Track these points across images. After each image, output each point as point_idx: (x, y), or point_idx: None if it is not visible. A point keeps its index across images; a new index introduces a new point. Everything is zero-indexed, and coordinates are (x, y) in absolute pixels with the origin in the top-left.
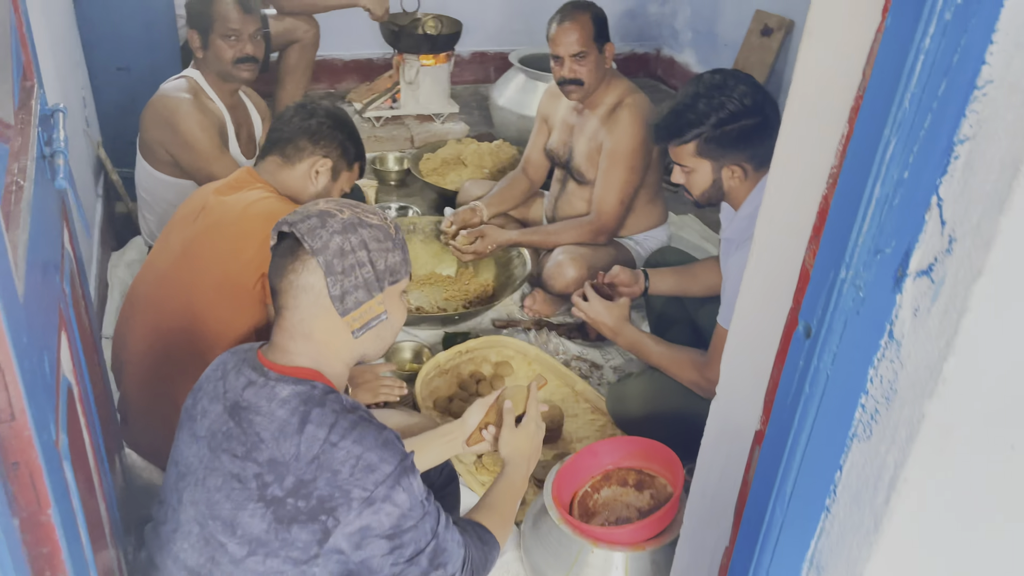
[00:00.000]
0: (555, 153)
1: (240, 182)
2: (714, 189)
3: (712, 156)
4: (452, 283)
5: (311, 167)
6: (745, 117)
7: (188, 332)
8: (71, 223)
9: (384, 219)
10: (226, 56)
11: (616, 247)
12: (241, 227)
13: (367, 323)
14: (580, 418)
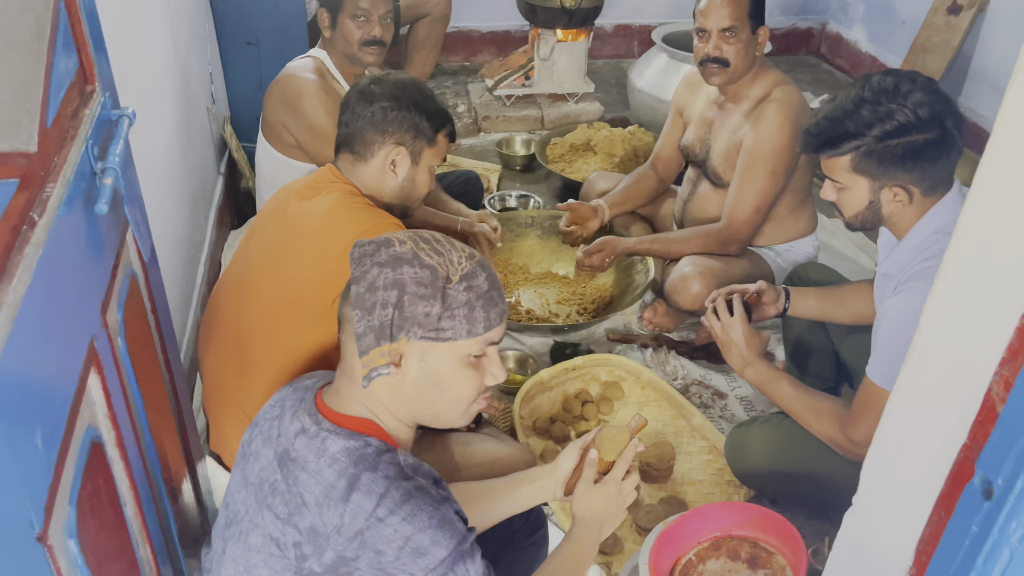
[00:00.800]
0: (690, 150)
1: (321, 182)
2: (870, 212)
3: (871, 174)
4: (568, 285)
5: (385, 160)
6: (917, 131)
7: (260, 346)
8: (139, 238)
9: (452, 264)
10: (354, 37)
11: (752, 259)
12: (317, 237)
13: (368, 373)
14: (695, 458)
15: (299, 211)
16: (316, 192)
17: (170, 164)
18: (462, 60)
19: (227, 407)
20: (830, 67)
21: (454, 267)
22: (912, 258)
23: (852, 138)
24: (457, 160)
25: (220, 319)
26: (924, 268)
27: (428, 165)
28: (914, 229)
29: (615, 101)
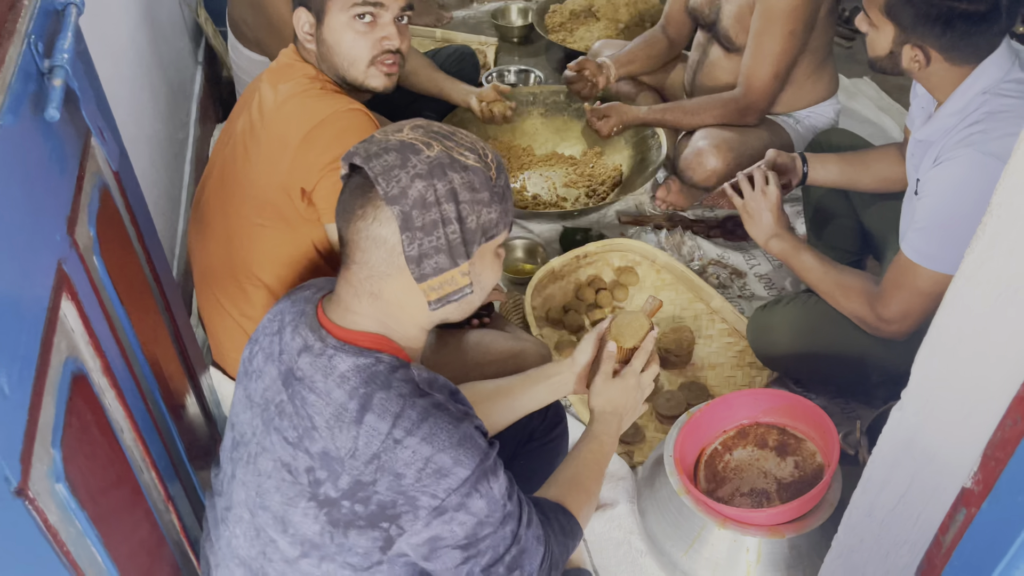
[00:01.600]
0: (699, 12)
1: (282, 65)
2: (889, 62)
3: (900, 22)
4: (575, 166)
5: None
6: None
7: (246, 252)
8: (105, 144)
9: (483, 156)
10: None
11: (770, 128)
12: (275, 133)
13: (447, 296)
14: (714, 341)
15: (265, 101)
16: (279, 78)
17: (139, 56)
18: None
19: (223, 319)
20: None
21: (488, 160)
22: (956, 123)
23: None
24: (450, 35)
25: (206, 221)
26: (971, 134)
27: (344, 16)
28: (958, 92)
29: None
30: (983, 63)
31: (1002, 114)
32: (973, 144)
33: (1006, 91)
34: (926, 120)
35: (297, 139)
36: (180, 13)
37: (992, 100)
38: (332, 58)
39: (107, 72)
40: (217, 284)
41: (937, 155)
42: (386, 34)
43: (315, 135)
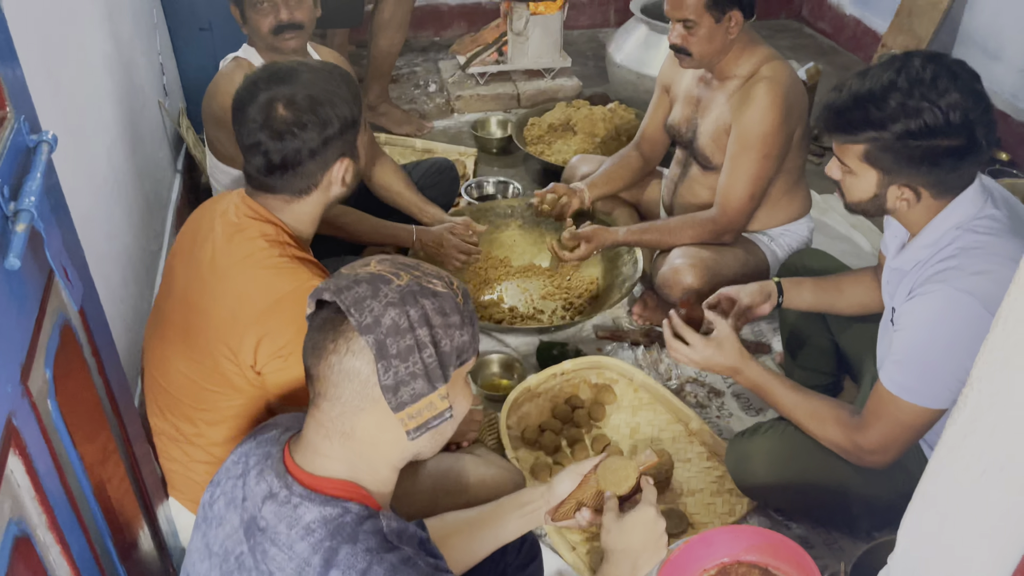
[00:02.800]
0: (677, 130)
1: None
2: (873, 204)
3: (883, 167)
4: (552, 278)
5: (335, 180)
6: (943, 135)
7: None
8: (69, 286)
9: (449, 283)
10: (262, 27)
11: (746, 246)
12: (225, 299)
13: (426, 423)
14: (693, 465)
15: (218, 253)
16: (234, 231)
17: (115, 172)
18: (432, 35)
19: (177, 447)
20: (812, 31)
21: (454, 287)
22: (929, 255)
23: (872, 127)
24: (431, 145)
25: (168, 339)
26: (945, 269)
27: (363, 141)
28: (931, 225)
29: (593, 74)
30: (957, 199)
31: (975, 250)
32: (947, 280)
33: (978, 227)
34: (899, 249)
35: (251, 316)
36: (162, 124)
37: (965, 235)
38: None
39: (81, 195)
40: (172, 410)
41: (911, 287)
42: None
43: (272, 315)
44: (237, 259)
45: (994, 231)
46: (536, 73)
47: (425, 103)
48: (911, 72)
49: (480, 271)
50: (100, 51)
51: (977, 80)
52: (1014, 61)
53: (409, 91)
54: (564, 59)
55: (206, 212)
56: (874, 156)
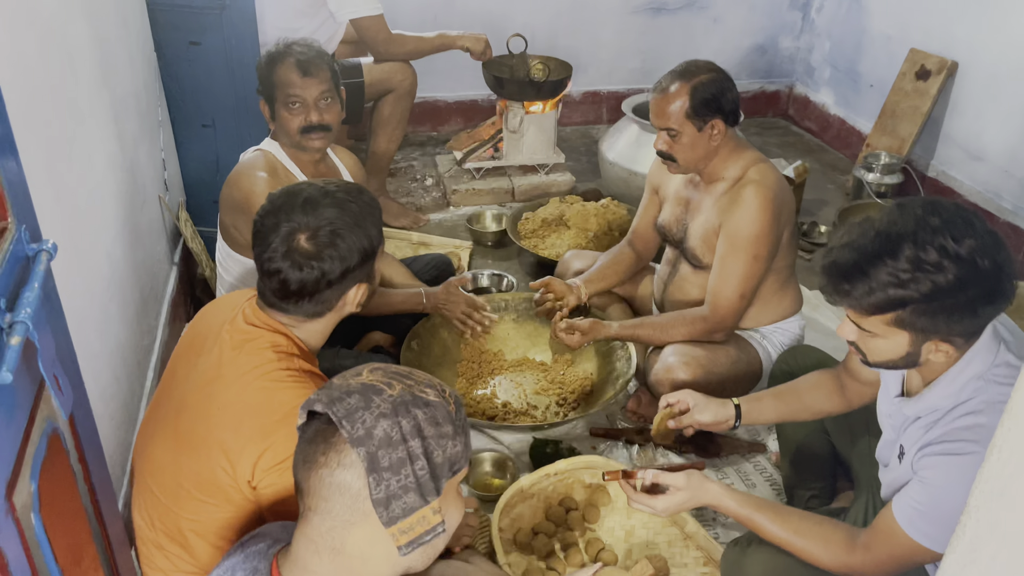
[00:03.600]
0: (667, 230)
1: (248, 330)
2: (904, 362)
3: (915, 329)
4: (546, 372)
5: (343, 305)
6: (975, 284)
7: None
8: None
9: (442, 392)
10: (291, 126)
11: (738, 344)
12: (227, 411)
13: (418, 538)
14: (690, 571)
15: (224, 362)
16: (246, 341)
17: (113, 269)
18: (429, 130)
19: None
20: (799, 129)
21: (447, 395)
22: (951, 405)
23: (900, 305)
24: (426, 238)
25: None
26: (974, 426)
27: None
28: (949, 375)
29: (586, 170)
30: (973, 348)
31: (1002, 404)
32: (980, 439)
33: (999, 377)
34: (900, 384)
35: (255, 429)
36: (161, 218)
37: (988, 387)
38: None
39: (77, 295)
40: (161, 518)
41: (930, 436)
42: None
43: (277, 430)
44: (245, 370)
45: (1015, 380)
46: (530, 168)
47: (422, 196)
48: (921, 224)
49: (473, 365)
50: (105, 151)
51: (981, 218)
52: (996, 162)
53: (406, 184)
54: (558, 155)
55: (213, 316)
56: (905, 321)
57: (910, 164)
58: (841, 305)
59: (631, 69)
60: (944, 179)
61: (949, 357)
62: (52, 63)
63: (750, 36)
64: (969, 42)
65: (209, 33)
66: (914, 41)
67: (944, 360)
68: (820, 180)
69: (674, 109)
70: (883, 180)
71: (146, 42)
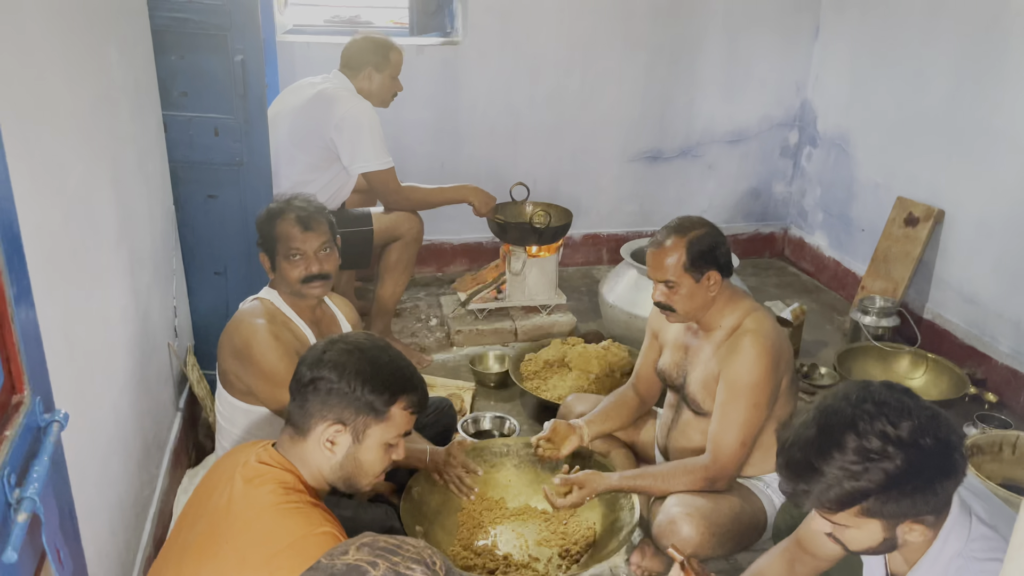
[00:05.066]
0: (667, 375)
1: (261, 466)
2: (884, 547)
3: (885, 515)
4: (548, 522)
5: (320, 438)
6: (930, 466)
7: None
8: (63, 564)
9: (430, 565)
10: (292, 276)
11: (741, 493)
12: (235, 541)
13: None
14: None
15: (234, 498)
16: (256, 476)
17: (118, 420)
18: (434, 271)
19: None
20: (796, 270)
21: (435, 568)
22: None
23: (862, 497)
24: (430, 379)
25: None
26: None
27: (379, 442)
28: (928, 557)
29: (587, 309)
30: (946, 525)
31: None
32: None
33: (977, 552)
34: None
35: (261, 559)
36: (169, 365)
37: (969, 565)
38: (354, 470)
39: (80, 452)
40: None
41: None
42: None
43: (282, 558)
44: (253, 502)
45: (994, 552)
46: (533, 309)
47: (426, 336)
48: (858, 412)
49: (474, 514)
50: (119, 305)
51: (915, 395)
52: (989, 306)
53: (411, 324)
54: (559, 296)
55: (225, 464)
56: (872, 510)
57: (905, 307)
58: (806, 507)
59: (630, 212)
60: (940, 322)
61: (925, 534)
62: (74, 228)
63: (744, 181)
64: (955, 190)
65: (226, 187)
66: (901, 189)
67: (921, 539)
68: (819, 320)
69: (671, 262)
70: (880, 323)
71: (166, 197)
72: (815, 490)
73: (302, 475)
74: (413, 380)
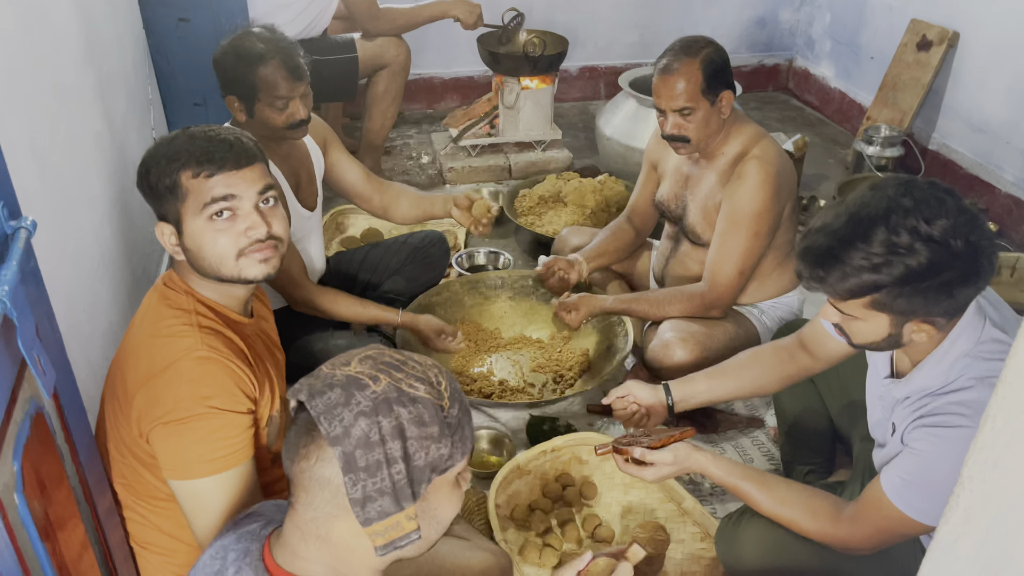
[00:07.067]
0: (666, 206)
1: (164, 287)
2: (887, 343)
3: (894, 311)
4: (543, 350)
5: (165, 244)
6: (951, 267)
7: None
8: (45, 370)
9: (435, 384)
10: (275, 123)
11: (736, 319)
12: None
13: (393, 541)
14: (687, 546)
15: (135, 323)
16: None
17: (102, 250)
18: (424, 108)
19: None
20: (799, 103)
21: (440, 389)
22: (941, 385)
23: (874, 289)
24: None
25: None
26: (965, 402)
27: (200, 219)
28: (936, 354)
29: (583, 146)
30: (958, 326)
31: (991, 378)
32: (970, 413)
33: (987, 353)
34: (889, 366)
35: (138, 386)
36: None
37: (976, 364)
38: (201, 263)
39: (63, 274)
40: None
41: (928, 412)
42: (249, 224)
43: (153, 385)
44: (145, 326)
45: (1003, 355)
46: (527, 145)
47: (418, 175)
48: (893, 205)
49: (470, 343)
50: (91, 129)
51: (957, 195)
52: (998, 133)
53: (402, 163)
54: (555, 132)
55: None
56: (882, 303)
57: (911, 137)
58: (818, 291)
59: (629, 43)
60: (945, 151)
61: (932, 337)
62: (34, 39)
63: (749, 8)
64: (971, 12)
65: (199, 10)
66: (915, 11)
67: (927, 340)
68: (820, 154)
69: (686, 86)
70: (883, 153)
71: (134, 19)
72: (831, 278)
73: (197, 292)
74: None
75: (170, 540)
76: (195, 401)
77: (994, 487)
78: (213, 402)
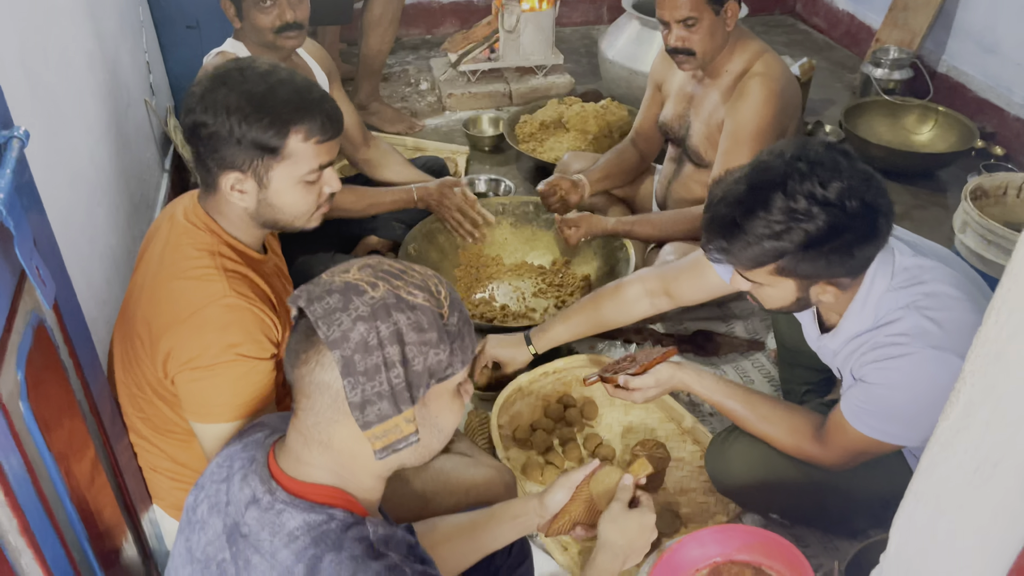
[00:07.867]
0: (669, 128)
1: (186, 227)
2: (797, 306)
3: (798, 275)
4: (544, 276)
5: (226, 190)
6: (849, 229)
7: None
8: (41, 286)
9: (435, 293)
10: (264, 24)
11: None
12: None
13: (391, 444)
14: (686, 464)
15: (162, 256)
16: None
17: (98, 172)
18: (423, 33)
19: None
20: (806, 27)
21: (440, 297)
22: (871, 325)
23: (777, 256)
24: (422, 143)
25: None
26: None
27: (290, 183)
28: (857, 301)
29: (586, 72)
30: (869, 272)
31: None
32: (911, 340)
33: (904, 282)
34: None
35: (163, 329)
36: (148, 123)
37: (898, 294)
38: (276, 214)
39: (60, 194)
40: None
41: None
42: (329, 184)
43: (181, 330)
44: (167, 265)
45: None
46: (528, 70)
47: (417, 101)
48: (790, 170)
49: (471, 270)
50: (82, 49)
51: (853, 156)
52: (1010, 55)
53: (400, 89)
54: (556, 56)
55: (165, 212)
56: (787, 269)
57: (920, 59)
58: (724, 263)
59: None
60: (955, 74)
61: (838, 296)
62: None
63: None
64: None
65: None
66: None
67: (833, 300)
68: (827, 79)
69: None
70: (892, 76)
71: None
72: (734, 248)
73: (226, 232)
74: (306, 104)
75: (182, 469)
76: (222, 349)
77: (995, 379)
78: (240, 350)
